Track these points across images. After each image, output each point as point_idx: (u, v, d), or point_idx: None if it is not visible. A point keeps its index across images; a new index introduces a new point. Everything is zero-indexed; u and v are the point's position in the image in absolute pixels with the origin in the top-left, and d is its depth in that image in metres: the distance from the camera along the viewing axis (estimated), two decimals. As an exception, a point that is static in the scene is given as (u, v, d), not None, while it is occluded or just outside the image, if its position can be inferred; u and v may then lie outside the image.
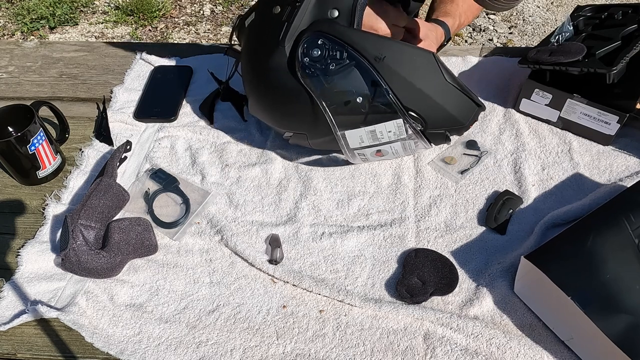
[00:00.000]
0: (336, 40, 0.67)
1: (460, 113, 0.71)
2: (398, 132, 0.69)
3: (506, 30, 2.41)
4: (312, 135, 0.75)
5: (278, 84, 0.72)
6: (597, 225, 0.63)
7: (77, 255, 0.68)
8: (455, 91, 0.69)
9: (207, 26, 2.52)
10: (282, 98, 0.73)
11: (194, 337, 0.65)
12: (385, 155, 0.73)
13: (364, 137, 0.70)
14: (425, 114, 0.68)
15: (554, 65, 0.80)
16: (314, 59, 0.67)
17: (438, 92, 0.68)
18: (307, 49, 0.68)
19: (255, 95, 0.77)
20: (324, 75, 0.68)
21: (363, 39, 0.67)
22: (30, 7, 2.53)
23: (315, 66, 0.68)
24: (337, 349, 0.63)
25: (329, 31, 0.67)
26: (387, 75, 0.66)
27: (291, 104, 0.72)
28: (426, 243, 0.73)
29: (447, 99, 0.69)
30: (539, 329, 0.64)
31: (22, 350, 0.65)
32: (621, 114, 0.79)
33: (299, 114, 0.73)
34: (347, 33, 0.67)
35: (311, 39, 0.68)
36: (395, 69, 0.66)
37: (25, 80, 1.02)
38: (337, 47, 0.67)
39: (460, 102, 0.70)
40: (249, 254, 0.72)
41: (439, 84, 0.68)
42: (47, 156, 0.81)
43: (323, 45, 0.67)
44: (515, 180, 0.80)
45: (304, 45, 0.68)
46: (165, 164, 0.84)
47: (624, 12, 0.86)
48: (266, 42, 0.72)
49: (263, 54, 0.72)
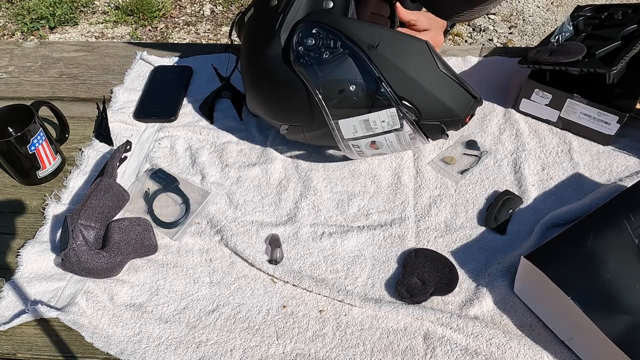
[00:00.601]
0: (330, 29, 0.67)
1: (455, 104, 0.69)
2: (392, 122, 0.69)
3: (506, 30, 2.41)
4: (307, 128, 0.75)
5: (274, 74, 0.72)
6: (597, 225, 0.63)
7: (77, 255, 0.68)
8: (450, 81, 0.68)
9: (207, 26, 2.52)
10: (278, 88, 0.73)
11: (194, 337, 0.65)
12: (381, 147, 0.73)
13: (357, 127, 0.70)
14: (419, 104, 0.68)
15: (554, 65, 0.80)
16: (308, 48, 0.68)
17: (432, 82, 0.67)
18: (302, 38, 0.68)
19: (252, 88, 0.78)
20: (317, 64, 0.68)
21: (357, 27, 0.67)
22: (30, 7, 2.54)
23: (309, 55, 0.68)
24: (337, 349, 0.63)
25: (323, 20, 0.68)
26: (380, 63, 0.66)
27: (287, 94, 0.73)
28: (426, 243, 0.73)
29: (441, 88, 0.68)
30: (539, 329, 0.64)
31: (22, 350, 0.65)
32: (621, 114, 0.79)
33: (295, 105, 0.73)
34: (340, 21, 0.68)
35: (305, 29, 0.68)
36: (389, 57, 0.66)
37: (25, 80, 1.02)
38: (331, 36, 0.67)
39: (455, 92, 0.69)
40: (249, 254, 0.72)
41: (433, 73, 0.67)
42: (47, 156, 0.81)
43: (317, 34, 0.68)
44: (515, 180, 0.80)
45: (298, 34, 0.69)
46: (165, 164, 0.84)
47: (624, 12, 0.86)
48: (263, 34, 0.73)
49: (260, 45, 0.73)
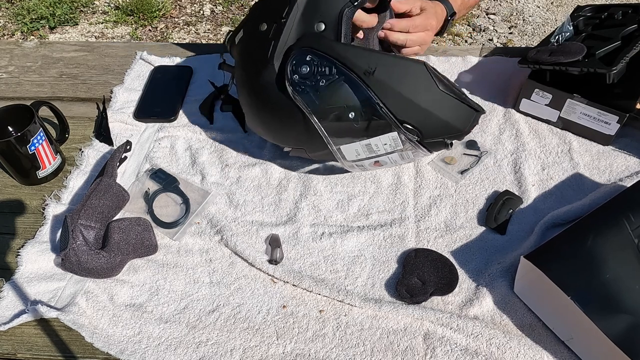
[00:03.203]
0: (324, 56, 0.65)
1: (457, 120, 0.68)
2: (394, 144, 0.68)
3: (506, 30, 2.41)
4: (310, 149, 0.75)
5: (270, 101, 0.71)
6: (597, 225, 0.63)
7: (77, 255, 0.68)
8: (451, 99, 0.67)
9: (207, 26, 2.52)
10: (276, 115, 0.72)
11: (194, 337, 0.65)
12: (385, 164, 0.73)
13: (359, 151, 0.70)
14: (421, 125, 0.66)
15: (554, 65, 0.80)
16: (303, 76, 0.66)
17: (432, 102, 0.66)
18: (296, 66, 0.66)
19: (250, 113, 0.77)
20: (314, 92, 0.66)
21: (351, 53, 0.65)
22: (30, 7, 2.54)
23: (305, 83, 0.66)
24: (337, 349, 0.63)
25: (317, 46, 0.66)
26: (378, 89, 0.64)
27: (286, 121, 0.72)
28: (426, 243, 0.73)
29: (442, 108, 0.67)
30: (539, 329, 0.64)
31: (22, 350, 0.65)
32: (621, 114, 0.79)
33: (294, 130, 0.72)
34: (334, 47, 0.65)
35: (299, 56, 0.66)
36: (387, 82, 0.64)
37: (25, 80, 1.02)
38: (326, 63, 0.65)
39: (457, 109, 0.68)
40: (249, 254, 0.72)
41: (433, 94, 0.66)
42: (47, 156, 0.81)
43: (311, 61, 0.66)
44: (515, 180, 0.80)
45: (292, 62, 0.66)
46: (165, 164, 0.84)
47: (624, 12, 0.86)
48: (255, 60, 0.71)
49: (253, 72, 0.72)
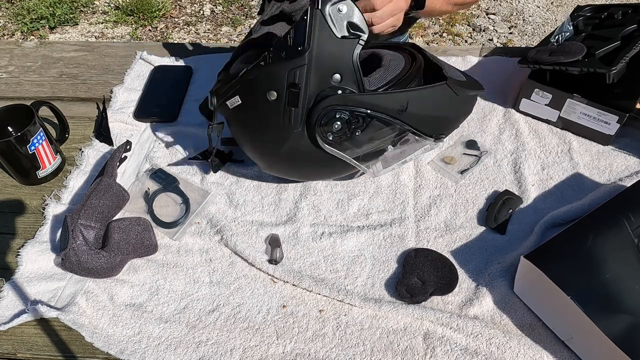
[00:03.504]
0: (354, 110, 0.65)
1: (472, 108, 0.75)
2: (423, 150, 0.73)
3: (506, 30, 2.41)
4: (338, 178, 0.80)
5: (300, 159, 0.70)
6: (597, 225, 0.63)
7: (77, 255, 0.68)
8: (471, 97, 0.72)
9: (207, 26, 2.52)
10: (307, 167, 0.73)
11: (194, 337, 0.65)
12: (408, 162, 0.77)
13: (395, 167, 0.76)
14: (449, 130, 0.74)
15: (554, 65, 0.80)
16: (337, 132, 0.66)
17: (458, 110, 0.72)
18: (327, 126, 0.65)
19: (273, 170, 0.76)
20: (351, 141, 0.67)
21: (382, 100, 0.65)
22: (30, 7, 2.54)
23: (341, 137, 0.66)
24: (337, 348, 0.63)
25: (344, 103, 0.64)
26: (414, 120, 0.67)
27: (317, 168, 0.73)
28: (426, 243, 0.73)
29: (465, 108, 0.73)
30: (539, 328, 0.64)
31: (22, 350, 0.65)
32: (621, 114, 0.79)
33: (326, 172, 0.75)
34: (361, 100, 0.64)
35: (327, 116, 0.65)
36: (420, 113, 0.67)
37: (25, 80, 1.02)
38: (357, 113, 0.65)
39: (473, 102, 0.74)
40: (248, 253, 0.72)
41: (457, 103, 0.70)
42: (47, 156, 0.81)
43: (342, 118, 0.65)
44: (515, 180, 0.80)
45: (321, 122, 0.65)
46: (165, 164, 0.84)
47: (624, 12, 0.86)
48: (274, 130, 0.68)
49: (274, 141, 0.69)
